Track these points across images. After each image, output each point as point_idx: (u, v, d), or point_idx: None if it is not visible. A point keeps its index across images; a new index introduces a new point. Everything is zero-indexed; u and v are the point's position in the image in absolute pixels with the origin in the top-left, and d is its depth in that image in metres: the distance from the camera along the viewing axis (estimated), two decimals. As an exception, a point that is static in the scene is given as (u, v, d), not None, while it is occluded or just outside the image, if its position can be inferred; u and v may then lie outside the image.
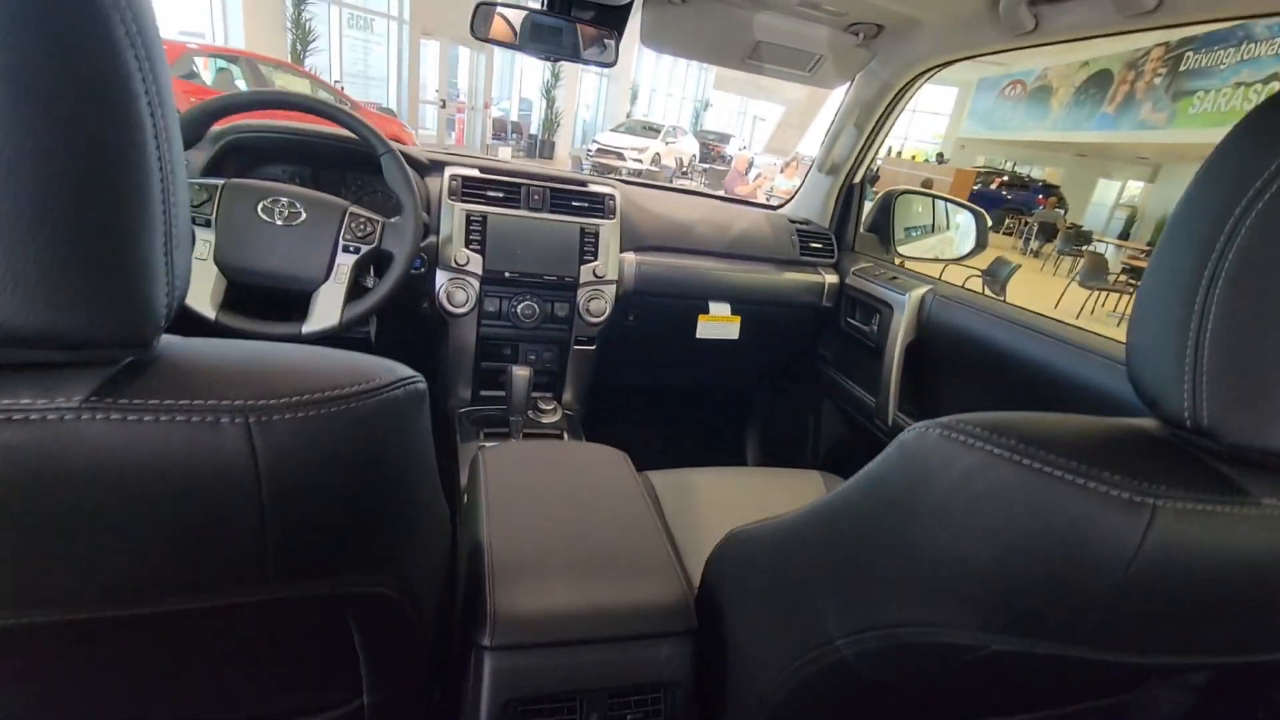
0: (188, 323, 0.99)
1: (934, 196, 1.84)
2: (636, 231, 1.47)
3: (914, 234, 1.93)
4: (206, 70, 6.34)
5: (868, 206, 1.74)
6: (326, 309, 1.04)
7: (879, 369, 1.40)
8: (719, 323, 1.54)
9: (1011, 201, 15.53)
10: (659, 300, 1.50)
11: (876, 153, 1.58)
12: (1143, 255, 10.11)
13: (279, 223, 1.03)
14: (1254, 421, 0.36)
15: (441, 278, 1.31)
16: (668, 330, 1.57)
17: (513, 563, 0.69)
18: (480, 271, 1.32)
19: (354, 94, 9.96)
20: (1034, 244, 12.63)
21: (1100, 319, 7.61)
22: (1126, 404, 0.93)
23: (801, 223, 1.68)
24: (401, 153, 1.30)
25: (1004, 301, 1.24)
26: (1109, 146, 14.57)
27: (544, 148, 14.37)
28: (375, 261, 1.14)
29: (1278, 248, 0.35)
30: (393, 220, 1.11)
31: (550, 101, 14.19)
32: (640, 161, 11.57)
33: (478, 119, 13.17)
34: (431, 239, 1.31)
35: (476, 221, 1.32)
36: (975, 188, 14.74)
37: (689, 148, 15.35)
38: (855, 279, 1.55)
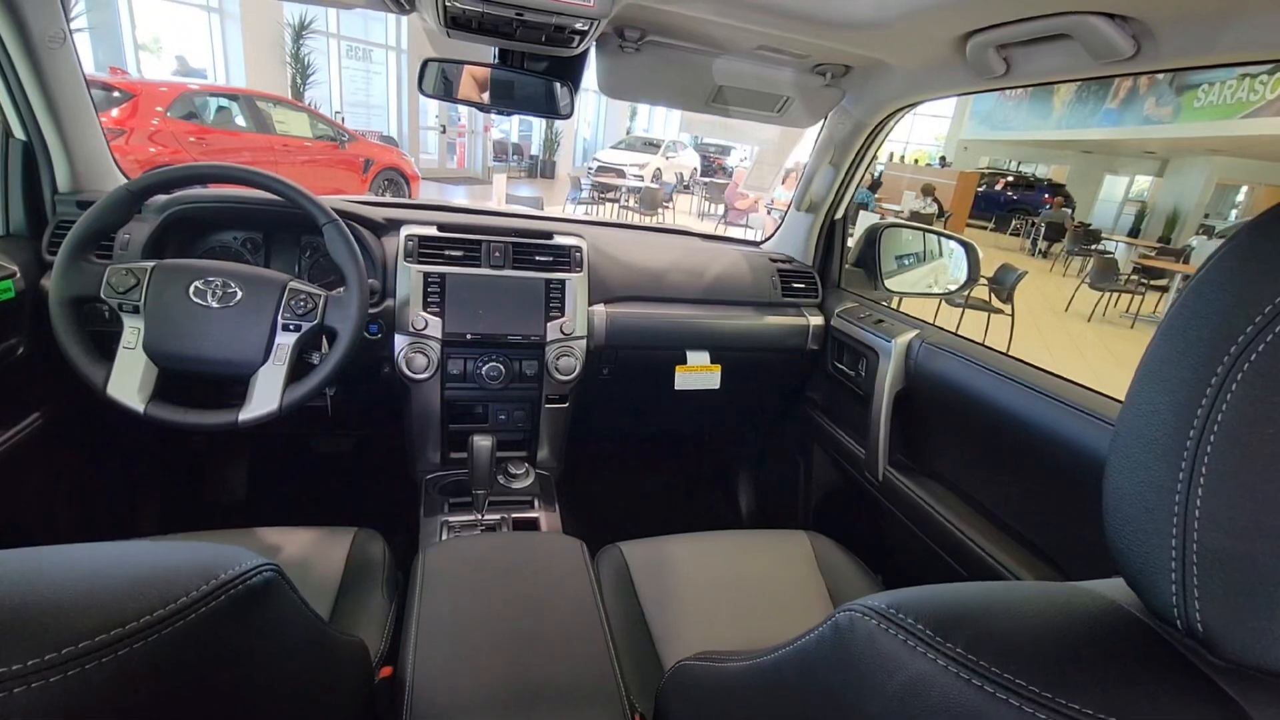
0: (117, 415, 0.94)
1: (922, 229, 1.76)
2: (606, 282, 1.40)
3: (906, 262, 1.86)
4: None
5: (853, 238, 1.67)
6: (265, 393, 0.98)
7: (868, 417, 1.32)
8: (698, 373, 1.47)
9: (1018, 202, 15.39)
10: (633, 352, 1.43)
11: (857, 188, 1.51)
12: (1154, 254, 9.93)
13: (214, 304, 0.98)
14: (1262, 632, 0.29)
15: (400, 342, 1.25)
16: (645, 382, 1.50)
17: (434, 706, 0.62)
18: (440, 335, 1.26)
19: (355, 123, 10.04)
20: (1041, 244, 12.46)
21: (1113, 320, 7.45)
22: None
23: (783, 261, 1.61)
24: (354, 215, 1.25)
25: (995, 350, 1.16)
26: (1114, 142, 14.41)
27: (545, 168, 14.42)
28: (321, 338, 1.08)
29: None
30: (336, 294, 1.05)
31: (550, 122, 14.25)
32: (641, 178, 11.56)
33: (478, 142, 13.24)
34: (389, 303, 1.25)
35: (434, 283, 1.26)
36: (980, 189, 14.62)
37: (690, 161, 15.35)
38: (840, 321, 1.48)
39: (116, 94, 5.46)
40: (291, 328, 1.00)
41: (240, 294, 0.99)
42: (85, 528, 1.30)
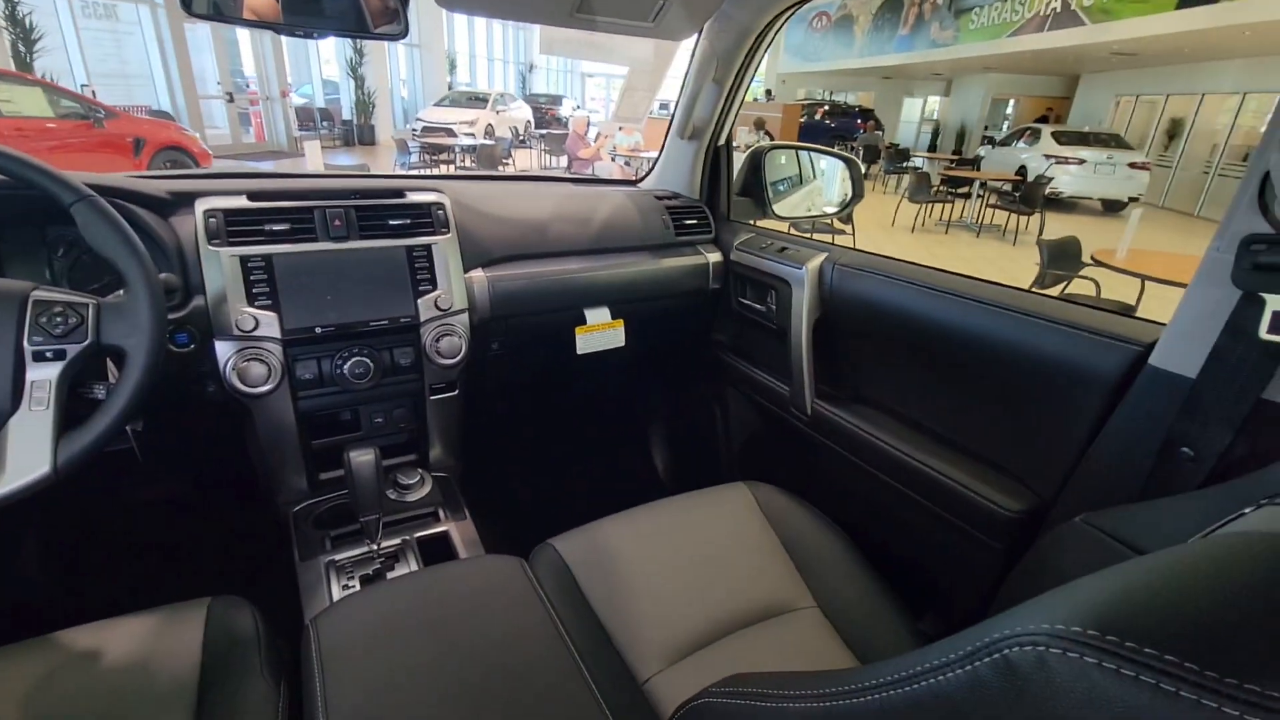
0: None
1: (798, 148, 1.70)
2: (480, 242, 1.19)
3: (781, 188, 1.80)
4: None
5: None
6: (27, 452, 0.68)
7: (786, 352, 1.25)
8: (600, 331, 1.31)
9: (836, 129, 16.45)
10: (525, 320, 1.24)
11: (739, 109, 1.39)
12: (953, 165, 11.08)
13: (-94, 339, 0.65)
14: None
15: (224, 350, 0.97)
16: (542, 352, 1.32)
17: None
18: (278, 334, 0.98)
19: (111, 98, 8.31)
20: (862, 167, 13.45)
21: (930, 229, 8.25)
22: (1064, 365, 0.82)
23: (669, 197, 1.47)
24: (120, 190, 0.92)
25: (910, 263, 1.11)
26: (908, 67, 15.76)
27: (363, 133, 13.05)
28: (104, 363, 0.79)
29: None
30: (112, 299, 0.75)
31: (359, 81, 12.84)
32: (473, 135, 10.82)
33: (276, 109, 11.60)
34: (197, 301, 0.95)
35: (258, 268, 0.98)
36: (802, 120, 15.42)
37: (522, 114, 14.64)
38: (741, 254, 1.38)
39: None
40: (50, 355, 0.70)
41: (-50, 318, 0.67)
42: None
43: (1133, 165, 9.86)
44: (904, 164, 11.58)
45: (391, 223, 1.09)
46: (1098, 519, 0.68)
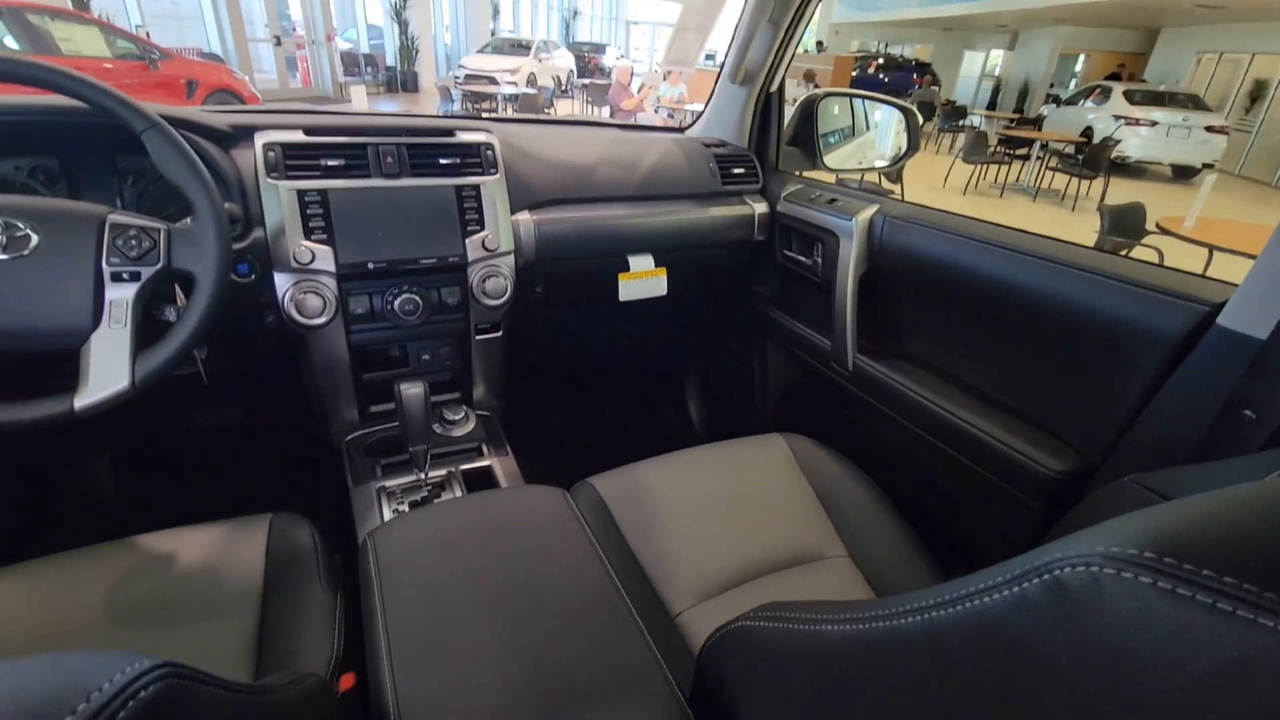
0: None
1: (853, 96, 1.64)
2: (527, 185, 1.19)
3: (832, 140, 1.75)
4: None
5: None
6: (108, 368, 0.73)
7: (829, 306, 1.23)
8: (643, 279, 1.32)
9: (889, 84, 15.71)
10: (569, 264, 1.25)
11: (794, 54, 1.34)
12: (1013, 124, 10.52)
13: (-1, 255, 0.70)
14: None
15: (282, 282, 1.00)
16: (584, 297, 1.33)
17: None
18: (333, 268, 1.01)
19: (165, 39, 8.43)
20: (915, 124, 12.85)
21: (984, 192, 7.90)
22: (1121, 323, 0.80)
23: (716, 145, 1.44)
24: (187, 121, 0.95)
25: (964, 216, 1.08)
26: (971, 18, 14.84)
27: (407, 80, 12.99)
28: (174, 287, 0.83)
29: None
30: (181, 225, 0.79)
31: (403, 26, 12.72)
32: (515, 84, 10.68)
33: (322, 54, 11.60)
34: (257, 234, 0.99)
35: (314, 203, 1.00)
36: (854, 74, 14.75)
37: (565, 63, 14.35)
38: (788, 205, 1.35)
39: None
40: (126, 276, 0.74)
41: (36, 237, 0.71)
42: None
43: (1210, 129, 9.20)
44: (960, 122, 11.04)
45: (442, 161, 1.09)
46: (1148, 479, 0.67)
